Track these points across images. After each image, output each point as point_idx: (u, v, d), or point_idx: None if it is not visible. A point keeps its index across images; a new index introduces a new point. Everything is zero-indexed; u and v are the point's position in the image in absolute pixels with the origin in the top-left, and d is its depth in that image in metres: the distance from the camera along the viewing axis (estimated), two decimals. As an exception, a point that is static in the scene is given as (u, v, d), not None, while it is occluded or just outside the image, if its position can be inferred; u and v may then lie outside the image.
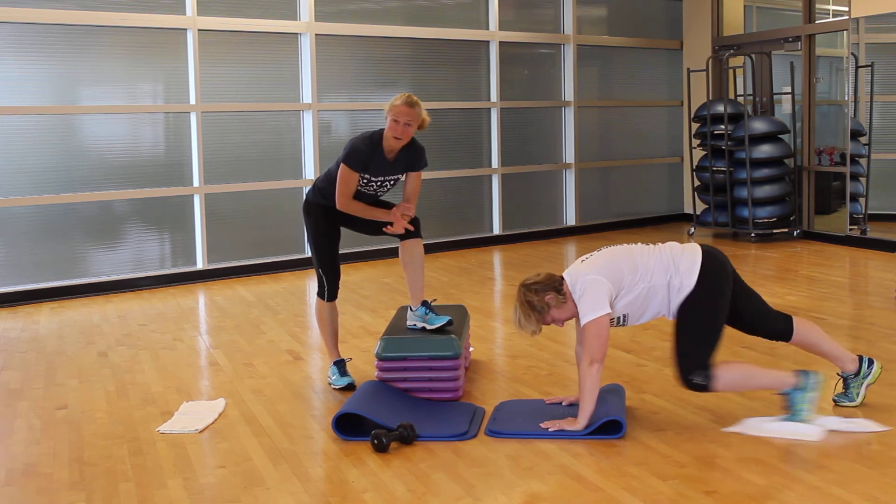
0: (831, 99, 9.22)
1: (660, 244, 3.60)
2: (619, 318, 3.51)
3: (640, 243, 3.63)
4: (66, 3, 6.64)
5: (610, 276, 3.44)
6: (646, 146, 10.06)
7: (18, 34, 6.51)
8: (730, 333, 3.67)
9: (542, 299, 3.48)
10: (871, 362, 3.65)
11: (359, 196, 4.11)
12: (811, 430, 3.36)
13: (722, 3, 9.59)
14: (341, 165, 4.02)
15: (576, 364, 3.75)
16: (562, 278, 3.53)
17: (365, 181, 4.08)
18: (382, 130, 4.06)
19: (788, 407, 3.44)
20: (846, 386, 3.67)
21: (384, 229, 4.13)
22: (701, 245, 3.57)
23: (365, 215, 4.12)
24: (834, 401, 3.68)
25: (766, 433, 3.38)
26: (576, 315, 3.52)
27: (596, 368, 3.40)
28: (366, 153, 4.01)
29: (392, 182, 4.19)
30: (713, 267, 3.48)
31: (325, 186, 4.17)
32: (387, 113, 4.00)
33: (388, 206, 4.18)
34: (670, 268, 3.47)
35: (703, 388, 3.41)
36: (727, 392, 3.65)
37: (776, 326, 3.63)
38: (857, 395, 3.64)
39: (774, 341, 3.74)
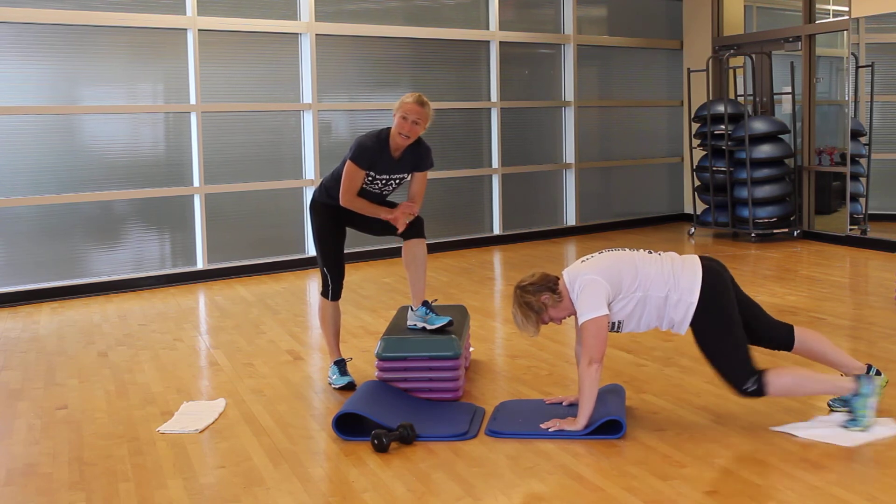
0: (831, 99, 9.22)
1: (661, 253, 3.58)
2: (614, 323, 3.50)
3: (642, 250, 3.61)
4: (66, 3, 6.63)
5: (609, 279, 3.44)
6: (646, 146, 10.06)
7: (18, 34, 6.51)
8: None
9: (539, 300, 3.50)
10: (877, 372, 3.59)
11: (365, 194, 4.11)
12: (875, 434, 3.31)
13: (722, 3, 9.58)
14: (348, 162, 4.02)
15: (575, 364, 3.75)
16: (557, 278, 3.55)
17: (370, 179, 4.08)
18: (390, 129, 4.06)
19: (850, 412, 3.39)
20: None
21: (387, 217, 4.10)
22: (700, 257, 3.55)
23: (368, 212, 4.11)
24: (829, 405, 3.63)
25: (830, 440, 3.30)
26: (573, 313, 3.53)
27: (595, 368, 3.39)
28: (373, 151, 4.02)
29: (397, 181, 4.18)
30: (713, 281, 3.45)
31: (331, 186, 4.17)
32: (395, 110, 4.00)
33: (393, 205, 4.17)
34: (670, 281, 3.45)
35: (758, 393, 3.37)
36: (780, 397, 3.60)
37: (778, 336, 3.59)
38: None
39: (776, 351, 3.71)
